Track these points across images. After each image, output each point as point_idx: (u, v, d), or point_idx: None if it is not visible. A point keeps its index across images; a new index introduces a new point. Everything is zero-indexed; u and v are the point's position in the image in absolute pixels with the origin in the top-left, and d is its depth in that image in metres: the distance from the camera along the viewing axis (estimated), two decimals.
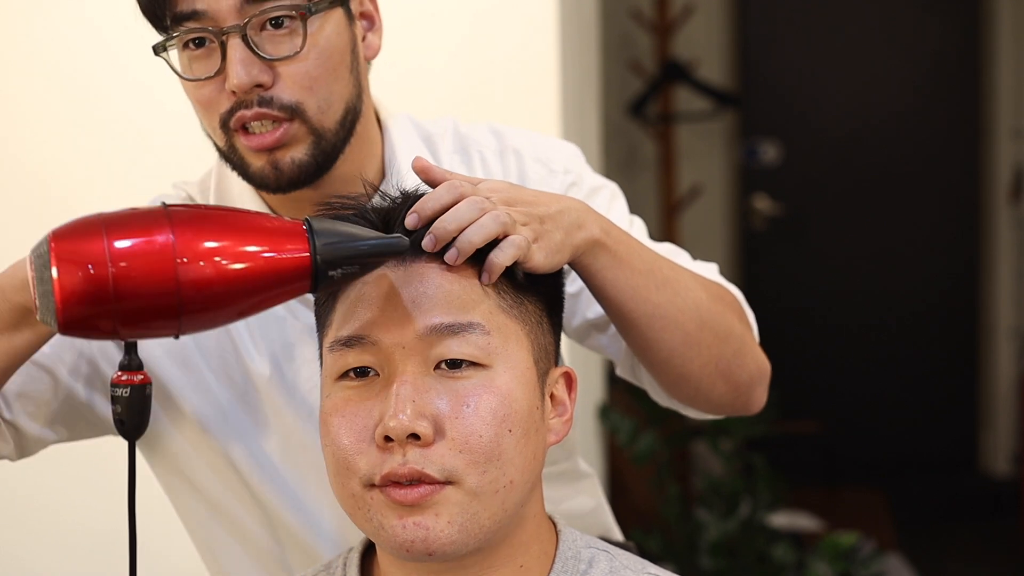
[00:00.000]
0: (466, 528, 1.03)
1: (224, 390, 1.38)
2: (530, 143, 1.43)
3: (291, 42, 1.24)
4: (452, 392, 1.03)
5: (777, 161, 4.94)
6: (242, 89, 1.23)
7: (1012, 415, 4.90)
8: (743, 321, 1.35)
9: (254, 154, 1.27)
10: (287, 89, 1.24)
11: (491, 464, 1.03)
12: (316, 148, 1.27)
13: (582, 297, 1.34)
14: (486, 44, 2.20)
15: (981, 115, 4.93)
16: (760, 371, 1.35)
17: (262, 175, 1.27)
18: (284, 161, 1.26)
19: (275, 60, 1.24)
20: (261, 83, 1.24)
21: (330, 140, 1.28)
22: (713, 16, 4.81)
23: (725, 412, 1.37)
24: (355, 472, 1.04)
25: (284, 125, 1.25)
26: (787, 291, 4.95)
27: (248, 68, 1.23)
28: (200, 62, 1.26)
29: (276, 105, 1.24)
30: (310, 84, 1.25)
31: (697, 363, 1.28)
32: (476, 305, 1.05)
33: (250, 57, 1.23)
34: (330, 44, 1.26)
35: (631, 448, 3.26)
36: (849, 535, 3.18)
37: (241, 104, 1.25)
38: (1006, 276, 4.93)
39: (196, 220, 1.02)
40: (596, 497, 1.58)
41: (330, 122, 1.27)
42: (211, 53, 1.25)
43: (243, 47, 1.23)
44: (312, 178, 1.28)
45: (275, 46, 1.24)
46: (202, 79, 1.25)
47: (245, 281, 1.01)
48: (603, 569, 1.12)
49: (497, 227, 1.05)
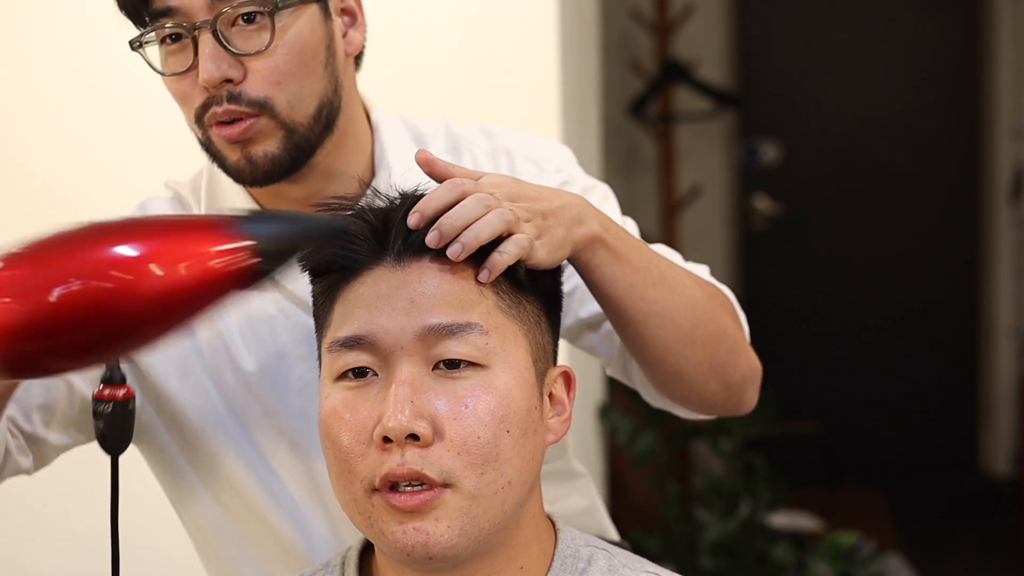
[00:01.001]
0: (466, 531, 1.03)
1: (217, 391, 1.38)
2: (522, 143, 1.44)
3: (260, 38, 1.25)
4: (450, 392, 1.03)
5: (777, 161, 4.94)
6: (211, 84, 1.24)
7: (1012, 415, 4.90)
8: (736, 321, 1.36)
9: (228, 147, 1.28)
10: (255, 85, 1.25)
11: (489, 465, 1.03)
12: (288, 142, 1.27)
13: (575, 296, 1.34)
14: (486, 44, 2.20)
15: (981, 115, 4.93)
16: (752, 371, 1.36)
17: (237, 168, 1.29)
18: (257, 155, 1.27)
19: (244, 55, 1.25)
20: (230, 78, 1.25)
21: (303, 134, 1.28)
22: (713, 16, 4.81)
23: (717, 412, 1.38)
24: (356, 476, 1.04)
25: (250, 120, 1.26)
26: (787, 291, 4.95)
27: (217, 63, 1.24)
28: (175, 57, 1.27)
29: (244, 101, 1.25)
30: (279, 79, 1.26)
31: (691, 361, 1.28)
32: (474, 305, 1.05)
33: (219, 52, 1.24)
34: (301, 39, 1.27)
35: (631, 448, 3.26)
36: (849, 535, 3.18)
37: (212, 100, 1.26)
38: (1006, 276, 4.93)
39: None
40: (590, 497, 1.58)
41: (301, 117, 1.28)
42: (185, 48, 1.26)
43: (213, 42, 1.24)
44: (288, 171, 1.29)
45: (245, 41, 1.25)
46: (177, 73, 1.27)
47: (184, 291, 1.00)
48: (601, 567, 1.12)
49: (502, 225, 1.05)
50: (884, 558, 3.47)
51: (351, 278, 1.08)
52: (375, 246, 1.07)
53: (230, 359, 1.37)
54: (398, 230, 1.06)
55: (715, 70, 4.76)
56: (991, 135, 4.90)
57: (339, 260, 1.08)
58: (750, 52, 4.92)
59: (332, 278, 1.10)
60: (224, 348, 1.37)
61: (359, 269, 1.07)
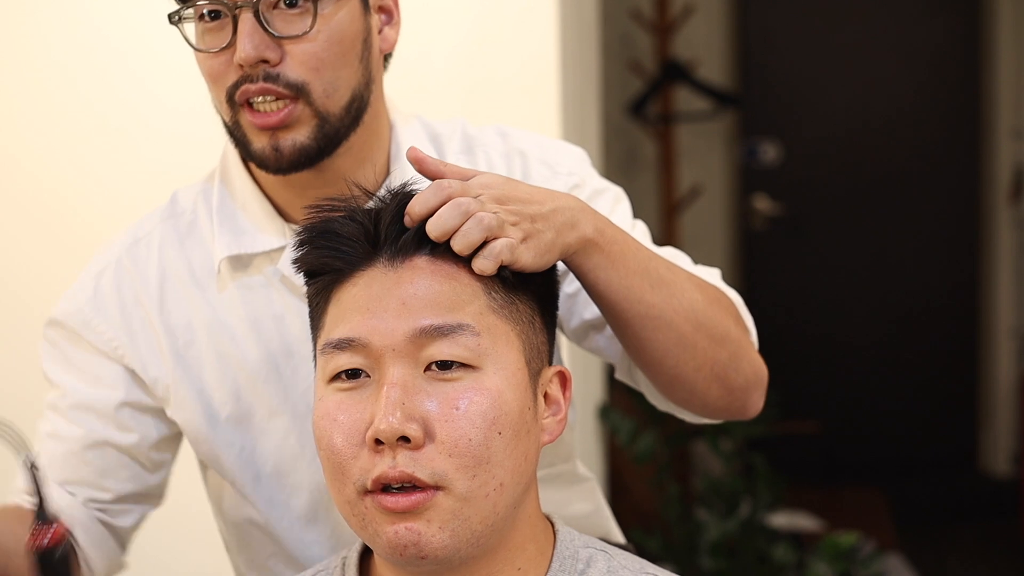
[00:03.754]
0: (457, 533, 1.03)
1: (222, 392, 1.38)
2: (536, 145, 1.44)
3: (302, 22, 1.26)
4: (442, 394, 1.03)
5: (777, 161, 4.94)
6: (248, 62, 1.25)
7: (1012, 415, 4.89)
8: (740, 325, 1.35)
9: (257, 132, 1.28)
10: (294, 68, 1.26)
11: (480, 468, 1.03)
12: (319, 132, 1.28)
13: (579, 298, 1.34)
14: (486, 44, 2.20)
15: (981, 115, 4.93)
16: (757, 376, 1.34)
17: (263, 155, 1.28)
18: (286, 142, 1.27)
19: (283, 38, 1.25)
20: (267, 59, 1.25)
21: (334, 125, 1.28)
22: (713, 16, 4.80)
23: (721, 416, 1.36)
24: (349, 478, 1.04)
25: (289, 105, 1.26)
26: (787, 291, 4.95)
27: (256, 42, 1.24)
28: (213, 34, 1.27)
29: (282, 82, 1.26)
30: (317, 65, 1.26)
31: (691, 365, 1.27)
32: (466, 306, 1.05)
33: (259, 32, 1.25)
34: (341, 29, 1.27)
35: (631, 448, 3.26)
36: (849, 535, 3.18)
37: (247, 78, 1.26)
38: (1006, 276, 4.92)
39: None
40: (595, 501, 1.57)
41: (335, 107, 1.28)
42: (224, 26, 1.26)
43: (253, 21, 1.24)
44: (313, 161, 1.29)
45: (286, 24, 1.25)
46: (213, 51, 1.27)
47: None
48: (601, 569, 1.12)
49: (480, 233, 1.06)
50: (884, 558, 3.47)
51: (345, 279, 1.08)
52: (367, 247, 1.07)
53: (238, 359, 1.37)
54: (388, 231, 1.07)
55: (715, 70, 4.76)
56: (991, 135, 4.90)
57: (332, 262, 1.08)
58: (750, 52, 4.92)
59: (326, 279, 1.10)
60: (231, 341, 1.37)
61: (352, 270, 1.08)
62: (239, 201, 1.37)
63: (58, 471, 1.38)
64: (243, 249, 1.35)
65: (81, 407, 1.38)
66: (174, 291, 1.37)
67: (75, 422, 1.38)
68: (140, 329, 1.37)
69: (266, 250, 1.35)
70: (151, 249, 1.39)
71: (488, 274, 1.06)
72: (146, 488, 1.42)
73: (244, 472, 1.39)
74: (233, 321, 1.36)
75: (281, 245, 1.34)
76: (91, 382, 1.38)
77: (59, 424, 1.39)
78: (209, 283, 1.37)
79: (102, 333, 1.37)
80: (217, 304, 1.36)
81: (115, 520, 1.41)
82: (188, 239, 1.38)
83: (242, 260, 1.36)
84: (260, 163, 1.30)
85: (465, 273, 1.06)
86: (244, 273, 1.36)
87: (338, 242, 1.08)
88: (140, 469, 1.41)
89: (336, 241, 1.08)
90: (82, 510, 1.38)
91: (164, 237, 1.39)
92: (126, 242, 1.40)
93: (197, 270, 1.37)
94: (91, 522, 1.39)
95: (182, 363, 1.37)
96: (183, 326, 1.36)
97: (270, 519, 1.40)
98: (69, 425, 1.38)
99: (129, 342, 1.37)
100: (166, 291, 1.37)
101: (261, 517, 1.41)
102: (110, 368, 1.37)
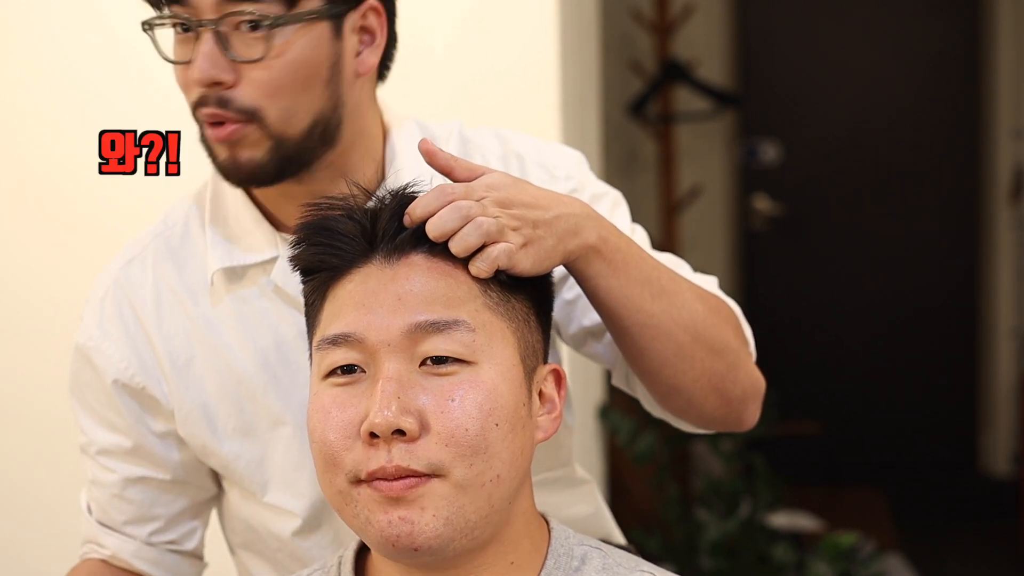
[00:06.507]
0: (451, 521, 1.02)
1: (225, 406, 1.38)
2: (533, 148, 1.43)
3: (259, 47, 1.25)
4: (437, 387, 1.03)
5: (777, 161, 4.94)
6: (201, 83, 1.25)
7: (1012, 415, 4.89)
8: (739, 336, 1.34)
9: (217, 146, 1.28)
10: (247, 93, 1.25)
11: (478, 457, 1.03)
12: (275, 153, 1.27)
13: (579, 304, 1.33)
14: (486, 44, 2.20)
15: (981, 115, 4.93)
16: (754, 387, 1.34)
17: (224, 167, 1.29)
18: (243, 158, 1.27)
19: (239, 61, 1.25)
20: (222, 81, 1.25)
21: (292, 148, 1.28)
22: (713, 16, 4.81)
23: (717, 427, 1.36)
24: (341, 468, 1.04)
25: (237, 125, 1.26)
26: (787, 291, 4.95)
27: (211, 63, 1.24)
28: (182, 47, 1.28)
29: (233, 107, 1.25)
30: (272, 92, 1.25)
31: (689, 375, 1.27)
32: (462, 303, 1.06)
33: (216, 53, 1.24)
34: (303, 56, 1.26)
35: (631, 448, 3.26)
36: (849, 535, 3.18)
37: (205, 100, 1.26)
38: (1006, 276, 4.92)
39: None
40: (594, 503, 1.57)
41: (293, 130, 1.27)
42: (190, 40, 1.26)
43: (212, 42, 1.24)
44: (273, 178, 1.29)
45: (245, 47, 1.25)
46: (179, 63, 1.28)
47: None
48: (596, 566, 1.12)
49: (478, 238, 1.06)
50: (884, 558, 3.47)
51: (341, 276, 1.08)
52: (364, 245, 1.07)
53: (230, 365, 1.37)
54: (386, 229, 1.07)
55: (715, 70, 4.76)
56: (991, 135, 4.90)
57: (328, 259, 1.08)
58: (750, 52, 4.92)
59: (322, 277, 1.10)
60: (224, 348, 1.37)
61: (348, 268, 1.08)
62: (231, 213, 1.37)
63: (112, 515, 1.42)
64: (236, 261, 1.35)
65: (107, 453, 1.40)
66: (170, 308, 1.37)
67: (107, 468, 1.40)
68: (144, 348, 1.37)
69: (259, 261, 1.35)
70: (145, 267, 1.39)
71: (484, 277, 1.07)
72: (195, 501, 1.45)
73: (252, 482, 1.39)
74: (229, 333, 1.36)
75: (274, 256, 1.34)
76: (108, 427, 1.40)
77: (95, 471, 1.42)
78: (203, 296, 1.37)
79: (111, 356, 1.37)
80: (212, 317, 1.36)
81: (182, 546, 1.44)
82: (181, 252, 1.39)
83: (236, 272, 1.36)
84: (223, 175, 1.31)
85: (462, 271, 1.07)
86: (238, 285, 1.36)
87: (334, 239, 1.08)
88: (183, 488, 1.43)
89: (333, 238, 1.08)
90: (148, 550, 1.42)
91: (157, 253, 1.39)
92: (121, 263, 1.41)
93: (191, 283, 1.37)
94: (161, 555, 1.43)
95: (183, 380, 1.37)
96: (181, 343, 1.36)
97: (276, 524, 1.41)
98: (103, 471, 1.41)
99: (138, 363, 1.37)
100: (162, 308, 1.37)
101: (267, 521, 1.41)
102: (119, 410, 1.38)
